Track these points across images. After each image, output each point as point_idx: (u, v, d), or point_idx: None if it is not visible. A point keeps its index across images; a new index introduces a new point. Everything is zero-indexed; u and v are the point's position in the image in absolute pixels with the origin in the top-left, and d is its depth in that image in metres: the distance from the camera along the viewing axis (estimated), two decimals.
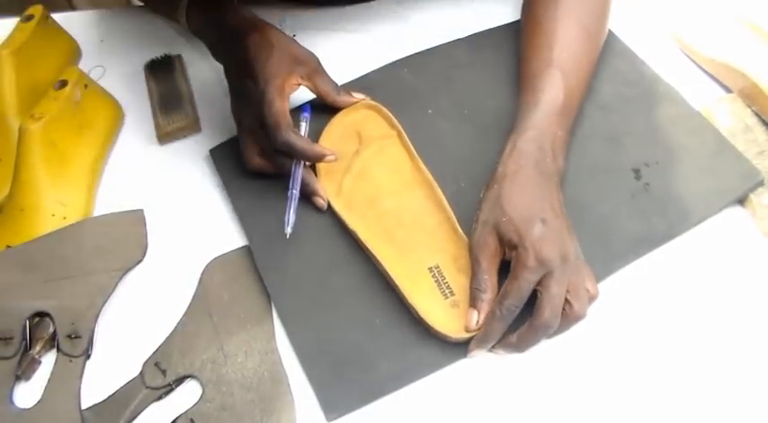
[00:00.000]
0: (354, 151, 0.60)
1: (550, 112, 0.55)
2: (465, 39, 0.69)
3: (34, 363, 0.51)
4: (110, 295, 0.54)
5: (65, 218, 0.58)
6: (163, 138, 0.65)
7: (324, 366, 0.50)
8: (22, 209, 0.57)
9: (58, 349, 0.52)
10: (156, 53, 0.70)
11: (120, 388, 0.50)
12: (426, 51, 0.68)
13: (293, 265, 0.55)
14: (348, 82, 0.65)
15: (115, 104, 0.67)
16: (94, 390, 0.51)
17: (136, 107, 0.68)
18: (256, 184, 0.59)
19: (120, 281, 0.55)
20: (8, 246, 0.56)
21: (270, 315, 0.53)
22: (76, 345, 0.52)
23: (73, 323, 0.52)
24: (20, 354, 0.52)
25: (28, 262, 0.55)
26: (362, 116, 0.62)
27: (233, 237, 0.58)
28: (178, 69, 0.69)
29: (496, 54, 0.67)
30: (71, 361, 0.51)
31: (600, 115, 0.61)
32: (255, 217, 0.58)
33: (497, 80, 0.65)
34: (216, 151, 0.63)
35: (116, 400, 0.50)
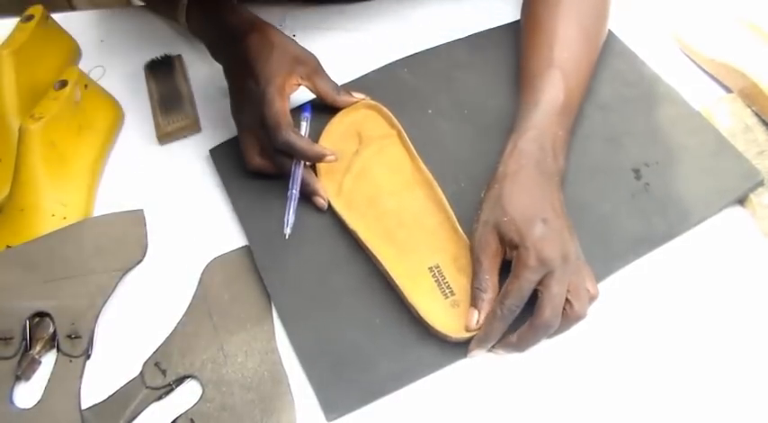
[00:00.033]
0: (354, 151, 0.60)
1: (551, 112, 0.55)
2: (465, 39, 0.69)
3: (34, 363, 0.51)
4: (110, 295, 0.54)
5: (65, 218, 0.58)
6: (163, 138, 0.65)
7: (324, 366, 0.50)
8: (22, 209, 0.57)
9: (58, 349, 0.52)
10: (156, 53, 0.70)
11: (120, 388, 0.50)
12: (426, 51, 0.68)
13: (293, 265, 0.55)
14: (348, 82, 0.65)
15: (115, 104, 0.67)
16: (94, 390, 0.51)
17: (136, 107, 0.68)
18: (256, 184, 0.59)
19: (120, 281, 0.55)
20: (8, 246, 0.56)
21: (270, 315, 0.53)
22: (76, 345, 0.52)
23: (73, 323, 0.52)
24: (20, 354, 0.52)
25: (28, 262, 0.55)
26: (363, 116, 0.62)
27: (233, 237, 0.58)
28: (178, 69, 0.69)
29: (496, 54, 0.67)
30: (71, 361, 0.51)
31: (600, 115, 0.61)
32: (255, 217, 0.58)
33: (497, 80, 0.65)
34: (216, 151, 0.63)
35: (116, 400, 0.50)
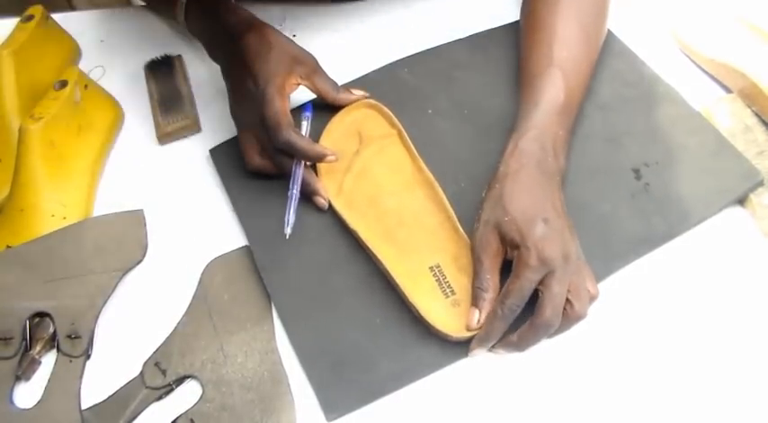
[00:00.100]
0: (355, 151, 0.60)
1: (551, 112, 0.55)
2: (465, 39, 0.69)
3: (34, 363, 0.51)
4: (110, 295, 0.54)
5: (65, 218, 0.58)
6: (163, 138, 0.65)
7: (324, 366, 0.50)
8: (22, 209, 0.57)
9: (58, 349, 0.52)
10: (156, 53, 0.70)
11: (120, 388, 0.50)
12: (426, 51, 0.68)
13: (293, 265, 0.55)
14: (348, 82, 0.65)
15: (115, 104, 0.67)
16: (94, 390, 0.51)
17: (136, 107, 0.68)
18: (256, 184, 0.59)
19: (120, 281, 0.55)
20: (8, 246, 0.56)
21: (270, 315, 0.53)
22: (76, 345, 0.52)
23: (73, 323, 0.52)
24: (20, 354, 0.52)
25: (28, 262, 0.55)
26: (363, 115, 0.62)
27: (233, 237, 0.58)
28: (178, 69, 0.69)
29: (497, 54, 0.67)
30: (71, 361, 0.51)
31: (600, 115, 0.61)
32: (255, 217, 0.58)
33: (497, 80, 0.65)
34: (216, 151, 0.63)
35: (116, 400, 0.50)
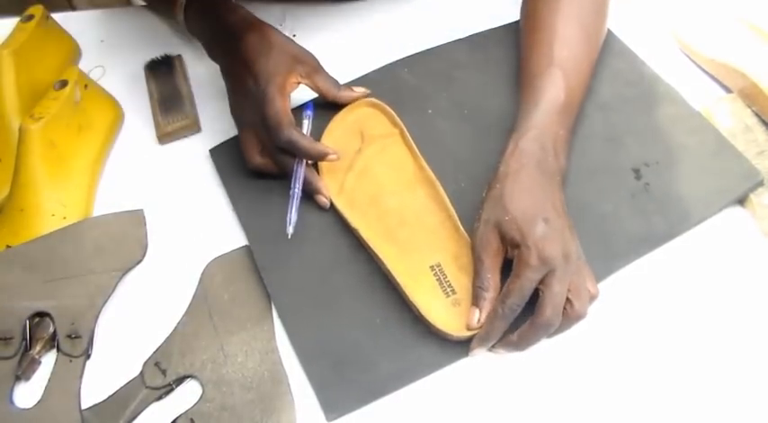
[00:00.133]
0: (357, 149, 0.60)
1: (551, 112, 0.55)
2: (465, 39, 0.69)
3: (34, 363, 0.51)
4: (110, 295, 0.54)
5: (65, 218, 0.58)
6: (163, 138, 0.65)
7: (324, 366, 0.50)
8: (22, 209, 0.57)
9: (58, 349, 0.52)
10: (156, 53, 0.70)
11: (120, 388, 0.50)
12: (426, 51, 0.68)
13: (293, 265, 0.55)
14: (348, 82, 0.65)
15: (115, 104, 0.67)
16: (94, 390, 0.51)
17: (136, 107, 0.68)
18: (256, 184, 0.59)
19: (120, 281, 0.55)
20: (8, 246, 0.56)
21: (270, 315, 0.53)
22: (76, 345, 0.52)
23: (73, 323, 0.52)
24: (20, 354, 0.52)
25: (28, 262, 0.55)
26: (365, 114, 0.62)
27: (233, 237, 0.58)
28: (178, 69, 0.69)
29: (497, 54, 0.67)
30: (71, 361, 0.51)
31: (600, 115, 0.61)
32: (255, 217, 0.58)
33: (497, 80, 0.65)
34: (216, 151, 0.63)
35: (116, 400, 0.50)
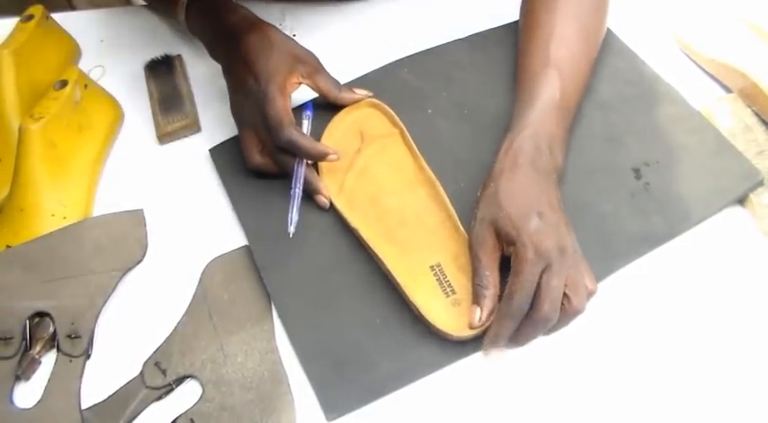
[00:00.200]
0: (357, 149, 0.60)
1: (547, 111, 0.55)
2: (465, 39, 0.69)
3: (34, 363, 0.51)
4: (110, 295, 0.54)
5: (65, 218, 0.58)
6: (163, 138, 0.65)
7: (324, 366, 0.50)
8: (22, 209, 0.57)
9: (58, 349, 0.52)
10: (156, 53, 0.70)
11: (120, 388, 0.50)
12: (426, 51, 0.68)
13: (293, 265, 0.55)
14: (348, 82, 0.65)
15: (115, 104, 0.67)
16: (94, 390, 0.51)
17: (136, 107, 0.68)
18: (256, 184, 0.59)
19: (120, 281, 0.55)
20: (8, 246, 0.56)
21: (270, 315, 0.53)
22: (76, 345, 0.52)
23: (73, 323, 0.52)
24: (20, 354, 0.52)
25: (28, 262, 0.55)
26: (365, 114, 0.62)
27: (233, 237, 0.58)
28: (178, 69, 0.69)
29: (497, 54, 0.67)
30: (71, 361, 0.51)
31: (600, 115, 0.61)
32: (255, 217, 0.58)
33: (497, 80, 0.65)
34: (216, 151, 0.63)
35: (116, 400, 0.50)
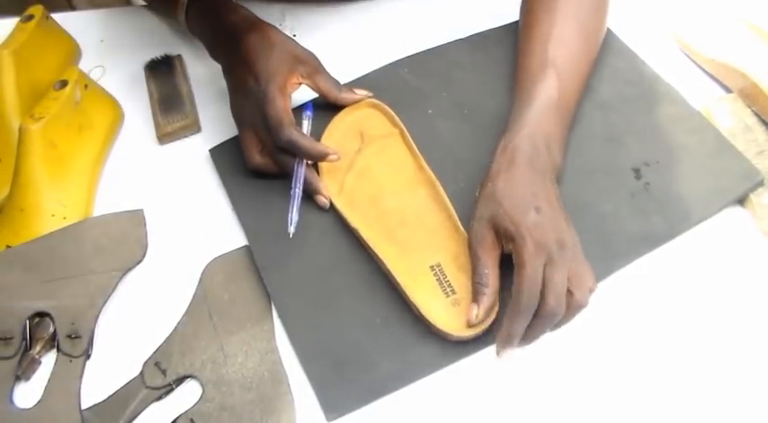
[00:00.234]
0: (357, 150, 0.60)
1: (544, 110, 0.55)
2: (465, 39, 0.69)
3: (34, 363, 0.51)
4: (110, 295, 0.54)
5: (65, 218, 0.58)
6: (163, 138, 0.65)
7: (324, 366, 0.50)
8: (22, 209, 0.57)
9: (58, 349, 0.52)
10: (156, 53, 0.70)
11: (120, 388, 0.50)
12: (426, 51, 0.68)
13: (293, 265, 0.55)
14: (348, 82, 0.65)
15: (115, 104, 0.67)
16: (94, 390, 0.51)
17: (136, 107, 0.68)
18: (256, 184, 0.59)
19: (120, 281, 0.55)
20: (8, 246, 0.56)
21: (270, 315, 0.53)
22: (76, 345, 0.52)
23: (73, 323, 0.52)
24: (20, 354, 0.52)
25: (28, 262, 0.55)
26: (365, 114, 0.62)
27: (233, 237, 0.58)
28: (178, 69, 0.69)
29: (497, 54, 0.67)
30: (71, 361, 0.51)
31: (600, 115, 0.61)
32: (255, 217, 0.58)
33: (497, 80, 0.65)
34: (216, 151, 0.63)
35: (116, 400, 0.50)
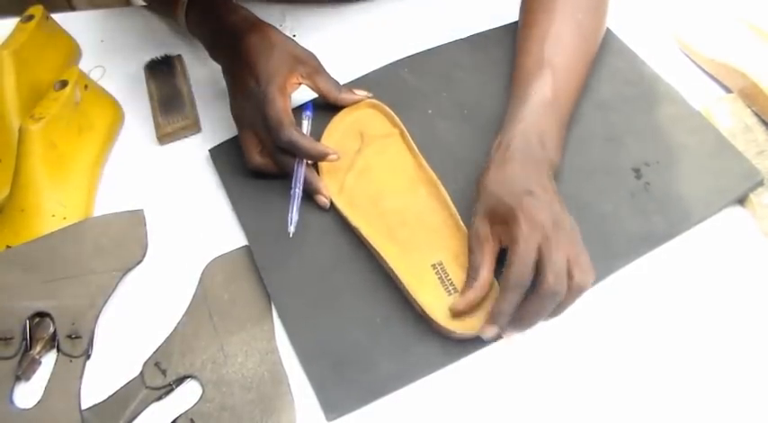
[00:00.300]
0: (357, 149, 0.60)
1: (539, 108, 0.55)
2: (465, 39, 0.69)
3: (34, 363, 0.51)
4: (110, 295, 0.54)
5: (65, 218, 0.58)
6: (163, 138, 0.65)
7: (324, 366, 0.50)
8: (23, 209, 0.57)
9: (59, 349, 0.52)
10: (156, 53, 0.70)
11: (120, 388, 0.50)
12: (426, 51, 0.68)
13: (293, 265, 0.55)
14: (348, 82, 0.65)
15: (115, 104, 0.67)
16: (94, 390, 0.51)
17: (136, 107, 0.68)
18: (256, 184, 0.59)
19: (120, 281, 0.55)
20: (8, 246, 0.56)
21: (270, 315, 0.53)
22: (76, 345, 0.52)
23: (73, 323, 0.52)
24: (20, 354, 0.52)
25: (28, 262, 0.55)
26: (365, 114, 0.62)
27: (233, 237, 0.58)
28: (178, 69, 0.69)
29: (497, 54, 0.67)
30: (71, 361, 0.51)
31: (600, 115, 0.61)
32: (255, 217, 0.58)
33: (497, 80, 0.65)
34: (216, 151, 0.63)
35: (116, 400, 0.50)
